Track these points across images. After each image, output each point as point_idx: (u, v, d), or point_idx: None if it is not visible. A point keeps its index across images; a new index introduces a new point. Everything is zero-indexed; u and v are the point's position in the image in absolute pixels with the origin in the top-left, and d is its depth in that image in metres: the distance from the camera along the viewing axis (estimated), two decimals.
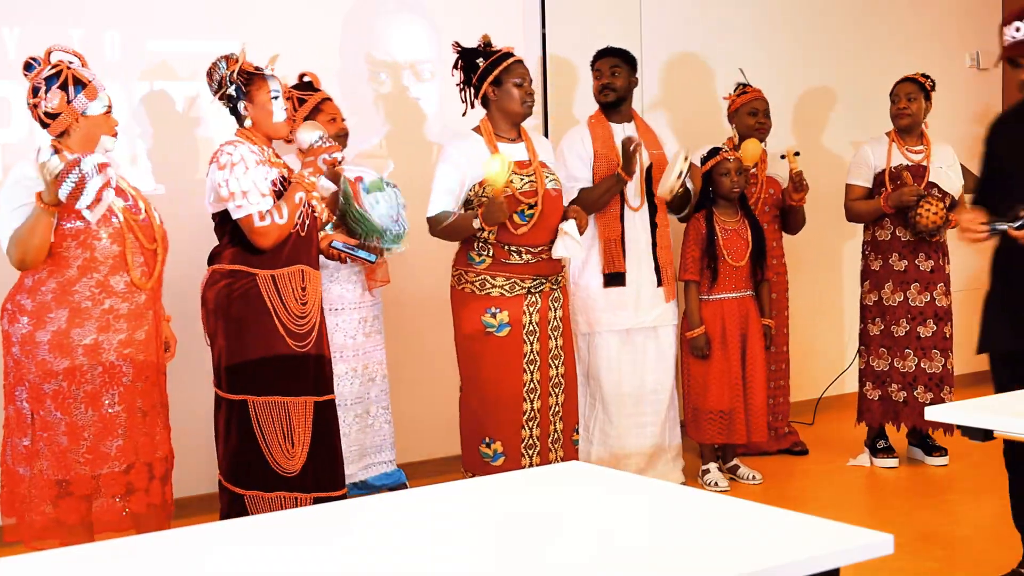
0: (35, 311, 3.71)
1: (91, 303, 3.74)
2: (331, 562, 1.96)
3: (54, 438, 3.73)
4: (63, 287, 3.72)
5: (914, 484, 5.33)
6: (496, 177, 4.24)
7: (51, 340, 3.71)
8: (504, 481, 2.46)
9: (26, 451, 3.74)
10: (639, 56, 5.46)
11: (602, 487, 2.40)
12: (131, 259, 3.79)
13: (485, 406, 4.45)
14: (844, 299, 6.86)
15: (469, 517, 2.18)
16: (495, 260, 4.42)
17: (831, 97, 6.82)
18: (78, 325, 3.73)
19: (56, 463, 3.73)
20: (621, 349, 5.17)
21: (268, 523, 2.24)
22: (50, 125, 3.79)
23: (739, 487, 5.29)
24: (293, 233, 4.03)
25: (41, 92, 3.75)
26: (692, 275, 5.27)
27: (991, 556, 4.27)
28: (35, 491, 3.74)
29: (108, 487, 3.80)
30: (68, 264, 3.72)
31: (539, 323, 4.50)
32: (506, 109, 4.49)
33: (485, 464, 4.44)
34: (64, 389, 3.72)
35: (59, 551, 2.06)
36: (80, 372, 3.73)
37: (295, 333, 4.04)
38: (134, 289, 3.81)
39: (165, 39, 4.98)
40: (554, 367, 4.54)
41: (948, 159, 5.57)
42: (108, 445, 3.79)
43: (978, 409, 2.90)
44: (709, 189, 5.28)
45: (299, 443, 4.06)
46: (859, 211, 5.57)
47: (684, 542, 1.99)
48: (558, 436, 4.57)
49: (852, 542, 1.95)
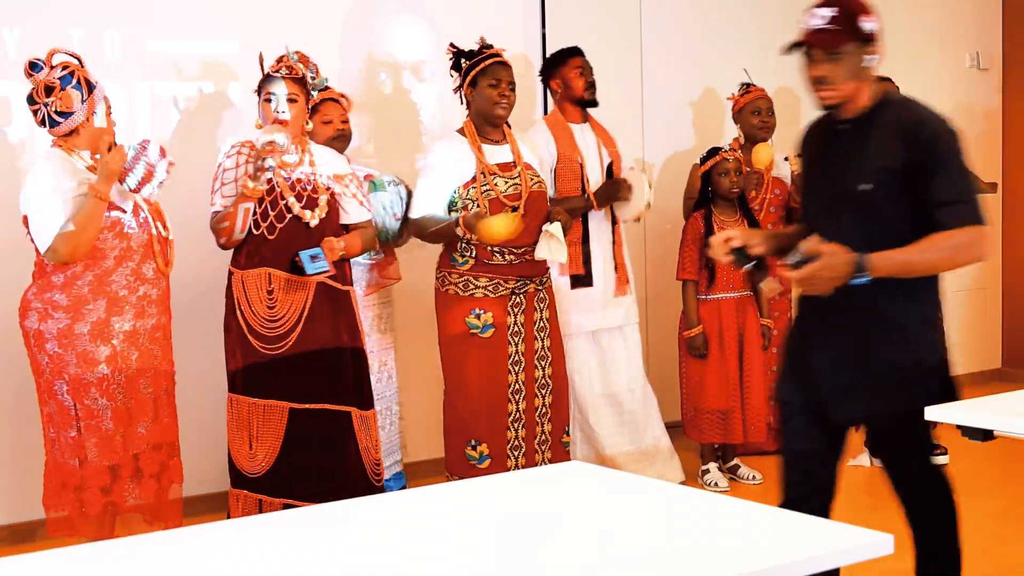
0: (71, 305, 3.79)
1: (127, 291, 3.85)
2: (331, 562, 1.96)
3: (99, 425, 3.82)
4: (100, 278, 3.81)
5: None
6: (495, 232, 4.19)
7: (91, 331, 3.79)
8: (504, 481, 2.46)
9: (74, 442, 3.82)
10: (639, 56, 5.46)
11: (602, 487, 2.40)
12: (156, 247, 3.93)
13: (470, 408, 4.42)
14: None
15: (469, 517, 2.18)
16: (478, 261, 4.39)
17: None
18: (117, 313, 3.83)
19: (104, 449, 3.82)
20: (590, 351, 5.16)
21: (268, 523, 2.24)
22: (60, 124, 3.81)
23: (739, 487, 5.28)
24: (259, 234, 4.04)
25: (56, 91, 3.78)
26: (690, 274, 5.27)
27: (991, 556, 4.27)
28: (88, 480, 3.82)
29: (148, 468, 3.92)
30: (105, 255, 3.81)
31: (524, 324, 4.47)
32: (480, 110, 4.47)
33: (471, 467, 4.41)
34: (108, 376, 3.82)
35: (59, 551, 2.06)
36: (122, 358, 3.84)
37: (264, 336, 4.05)
38: (160, 276, 3.96)
39: (165, 39, 4.99)
40: (540, 368, 4.51)
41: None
42: (141, 427, 3.90)
43: (978, 409, 2.89)
44: (708, 189, 5.28)
45: (262, 446, 4.06)
46: None
47: (684, 542, 1.99)
48: (546, 438, 4.54)
49: (852, 542, 1.95)
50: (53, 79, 3.79)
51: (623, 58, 6.07)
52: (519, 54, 5.59)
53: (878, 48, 3.08)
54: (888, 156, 3.01)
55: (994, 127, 7.59)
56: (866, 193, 3.02)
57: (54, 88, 3.79)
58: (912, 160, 2.98)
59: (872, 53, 3.06)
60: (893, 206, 3.02)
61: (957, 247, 2.98)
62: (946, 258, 3.01)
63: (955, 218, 2.96)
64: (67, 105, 3.79)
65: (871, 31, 3.07)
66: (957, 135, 3.04)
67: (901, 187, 2.99)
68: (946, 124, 3.04)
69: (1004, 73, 7.60)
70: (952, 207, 2.97)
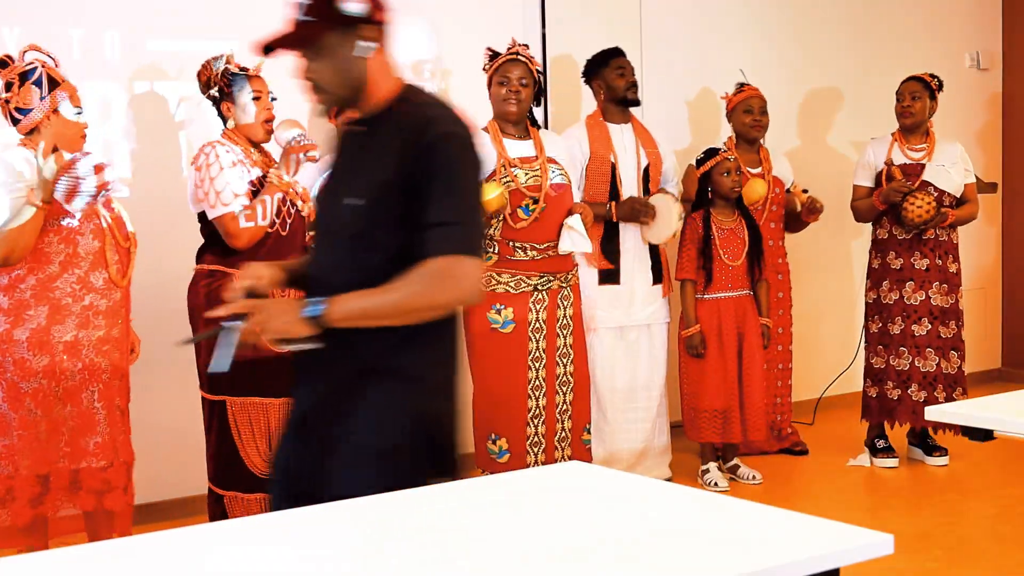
0: (12, 309, 3.69)
1: (71, 299, 3.74)
2: (331, 562, 1.95)
3: (34, 435, 3.71)
4: (43, 284, 3.71)
5: (914, 484, 5.33)
6: (489, 200, 4.28)
7: (30, 338, 3.69)
8: (504, 481, 2.45)
9: (6, 449, 3.72)
10: (639, 56, 5.46)
11: (602, 487, 2.39)
12: (109, 256, 3.81)
13: (491, 403, 4.48)
14: (844, 298, 6.86)
15: (469, 517, 2.18)
16: (501, 257, 4.45)
17: (832, 97, 6.82)
18: (58, 322, 3.72)
19: (37, 459, 3.72)
20: (615, 346, 5.17)
21: (268, 523, 2.23)
22: (20, 122, 3.78)
23: (739, 487, 5.29)
24: (272, 233, 4.04)
25: (15, 88, 3.74)
26: (688, 274, 5.27)
27: (991, 556, 4.27)
28: (17, 490, 3.72)
29: (88, 482, 3.79)
30: (50, 260, 3.71)
31: (546, 321, 4.51)
32: (495, 109, 4.56)
33: (492, 461, 4.47)
34: (44, 387, 3.71)
35: (58, 551, 2.06)
36: (60, 369, 3.72)
37: None
38: (111, 286, 3.83)
39: (165, 39, 4.98)
40: (561, 365, 4.55)
41: (953, 157, 5.56)
42: (87, 441, 3.78)
43: (978, 409, 2.89)
44: (707, 189, 5.28)
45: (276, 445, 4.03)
46: (859, 210, 5.63)
47: (684, 542, 1.99)
48: (566, 434, 4.57)
49: (852, 542, 1.94)
50: (13, 75, 3.76)
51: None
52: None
53: (373, 32, 2.49)
54: (385, 165, 2.41)
55: (994, 127, 7.59)
56: (356, 210, 2.41)
57: (13, 84, 3.75)
58: (408, 170, 2.37)
59: (366, 39, 2.47)
60: (388, 229, 2.39)
61: (427, 282, 2.33)
62: (413, 297, 2.34)
63: (435, 244, 2.33)
64: (24, 101, 3.75)
65: (357, 13, 2.44)
66: (468, 141, 2.43)
67: (398, 204, 2.37)
68: (458, 127, 2.43)
69: (1004, 73, 7.61)
70: (437, 230, 2.34)
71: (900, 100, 5.58)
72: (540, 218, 4.45)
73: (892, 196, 5.35)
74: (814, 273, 6.63)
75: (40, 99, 3.75)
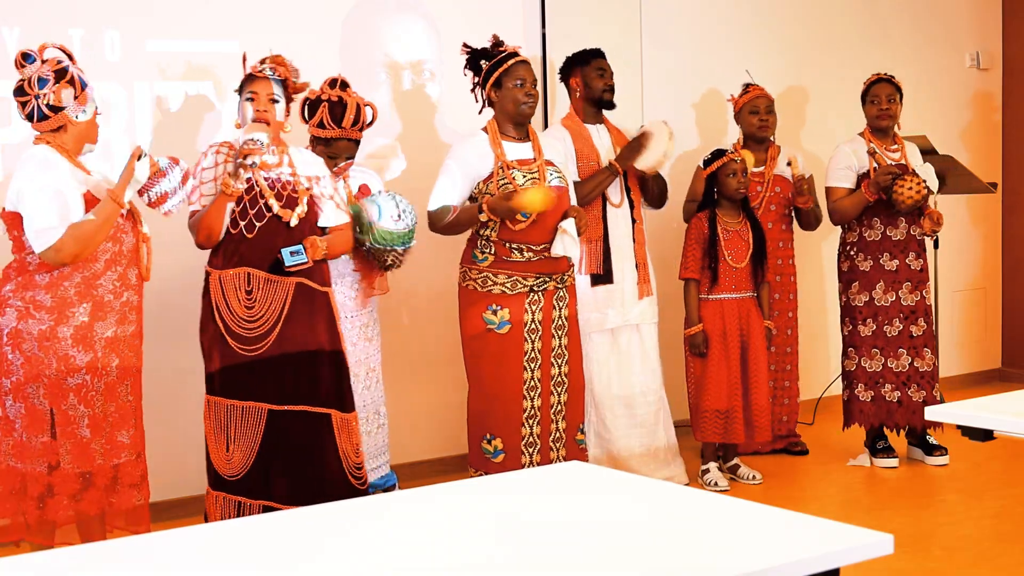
0: (55, 306, 3.74)
1: (112, 296, 3.83)
2: (331, 562, 1.95)
3: (76, 432, 3.77)
4: (88, 281, 3.77)
5: (914, 484, 5.33)
6: (531, 201, 4.30)
7: (74, 335, 3.75)
8: (504, 481, 2.45)
9: (44, 447, 3.76)
10: (639, 56, 5.46)
11: (602, 487, 2.40)
12: (142, 252, 3.91)
13: (486, 403, 4.51)
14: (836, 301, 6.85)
15: (469, 517, 2.18)
16: (497, 258, 4.46)
17: (833, 97, 6.82)
18: (100, 319, 3.79)
19: (78, 456, 3.77)
20: (609, 350, 5.16)
21: (266, 524, 2.24)
22: (48, 119, 3.78)
23: (739, 487, 5.29)
24: (236, 233, 4.02)
25: (49, 85, 3.75)
26: (693, 273, 5.27)
27: (991, 556, 4.27)
28: (57, 487, 3.76)
29: (125, 478, 3.87)
30: (96, 258, 3.78)
31: (542, 321, 4.52)
32: (507, 110, 4.56)
33: (487, 460, 4.48)
34: (87, 383, 3.77)
35: (58, 551, 2.06)
36: (102, 365, 3.80)
37: (241, 336, 4.01)
38: (141, 282, 3.93)
39: (165, 39, 4.98)
40: (556, 366, 4.56)
41: (917, 157, 5.60)
42: (123, 435, 3.86)
43: (978, 409, 2.89)
44: (714, 190, 5.29)
45: (239, 448, 4.02)
46: (845, 208, 5.48)
47: (684, 542, 1.99)
48: (560, 435, 4.58)
49: (852, 542, 1.95)
50: (47, 72, 3.77)
51: (623, 58, 6.06)
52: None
53: None
54: None
55: (994, 127, 7.59)
56: None
57: (48, 80, 3.76)
58: None
59: None
60: None
61: None
62: None
63: None
64: (59, 100, 3.77)
65: None
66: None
67: None
68: None
69: (1004, 73, 7.61)
70: None
71: (876, 103, 5.54)
72: (537, 220, 4.45)
73: (884, 180, 5.33)
74: (811, 274, 6.63)
75: (73, 98, 3.78)
